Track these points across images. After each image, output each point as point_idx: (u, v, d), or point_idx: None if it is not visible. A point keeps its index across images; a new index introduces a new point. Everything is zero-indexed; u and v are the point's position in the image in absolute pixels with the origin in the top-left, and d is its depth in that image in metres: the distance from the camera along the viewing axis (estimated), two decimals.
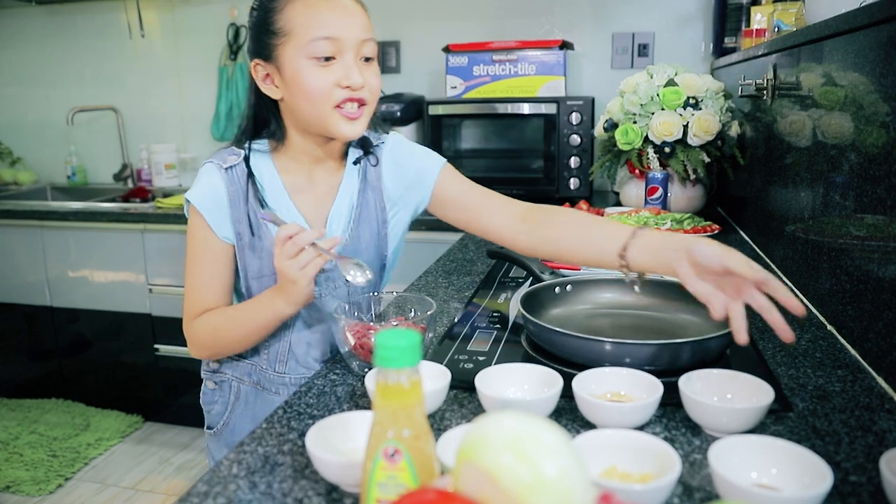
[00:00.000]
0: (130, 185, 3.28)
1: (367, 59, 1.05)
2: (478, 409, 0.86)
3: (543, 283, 1.19)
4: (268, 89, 1.05)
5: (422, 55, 2.89)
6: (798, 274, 1.36)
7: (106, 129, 3.36)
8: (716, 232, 1.72)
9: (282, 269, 0.96)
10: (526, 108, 2.41)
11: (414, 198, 1.18)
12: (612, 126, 2.06)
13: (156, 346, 2.74)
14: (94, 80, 3.35)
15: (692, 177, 1.97)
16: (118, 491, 2.44)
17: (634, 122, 1.99)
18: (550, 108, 2.37)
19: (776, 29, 1.85)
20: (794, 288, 1.36)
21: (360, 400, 0.91)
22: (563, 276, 1.24)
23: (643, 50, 2.66)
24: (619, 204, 2.21)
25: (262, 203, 1.07)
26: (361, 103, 1.03)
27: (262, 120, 1.11)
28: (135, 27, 3.15)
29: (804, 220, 1.32)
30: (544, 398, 0.80)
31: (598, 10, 2.70)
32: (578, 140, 2.35)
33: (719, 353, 0.97)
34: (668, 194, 1.98)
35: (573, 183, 2.39)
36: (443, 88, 2.58)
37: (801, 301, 1.29)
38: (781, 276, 1.45)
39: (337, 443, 0.71)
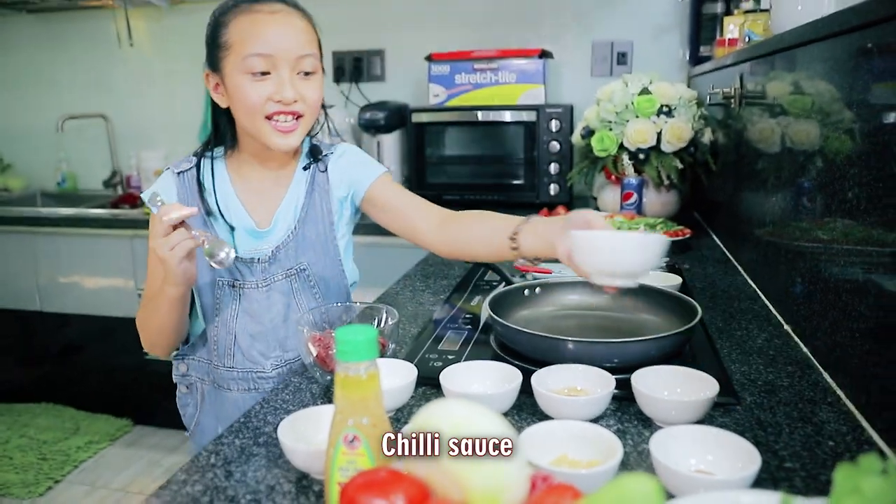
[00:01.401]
0: (120, 191, 3.32)
1: (307, 74, 1.10)
2: None
3: (513, 285, 1.24)
4: (218, 98, 1.13)
5: (406, 64, 2.95)
6: (761, 276, 1.42)
7: (96, 135, 3.39)
8: (687, 236, 1.78)
9: (153, 247, 1.01)
10: (507, 116, 2.47)
11: (352, 195, 1.24)
12: (588, 133, 2.11)
13: (145, 350, 2.77)
14: (84, 87, 3.39)
15: (666, 182, 2.03)
16: (108, 493, 2.48)
17: (610, 130, 2.05)
18: (530, 116, 2.43)
19: (747, 39, 1.91)
20: (757, 290, 1.42)
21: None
22: (533, 279, 1.29)
23: (622, 58, 2.72)
24: (597, 209, 2.26)
25: (206, 205, 1.15)
26: (297, 116, 1.09)
27: (218, 127, 1.19)
28: (123, 36, 3.19)
29: (766, 225, 1.37)
30: (503, 392, 0.85)
31: (579, 19, 2.76)
32: (558, 147, 2.41)
33: (676, 350, 1.03)
34: (643, 199, 2.04)
35: (553, 189, 2.45)
36: (426, 96, 2.63)
37: (763, 302, 1.34)
38: (747, 277, 1.51)
39: (308, 434, 0.76)
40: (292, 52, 1.07)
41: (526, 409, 0.89)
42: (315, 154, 1.23)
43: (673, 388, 0.87)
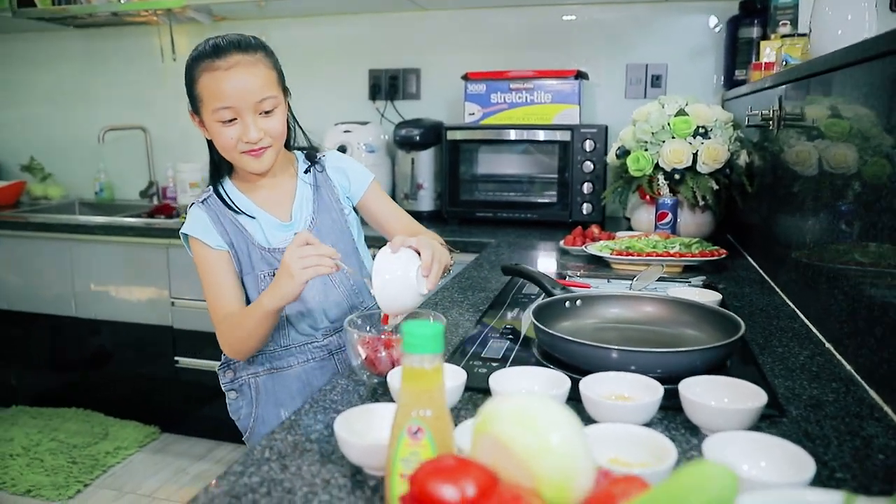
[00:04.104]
0: (156, 202, 3.39)
1: (268, 112, 1.26)
2: None
3: (555, 297, 1.25)
4: (203, 132, 1.33)
5: (441, 83, 3.00)
6: (800, 296, 1.41)
7: (134, 147, 3.47)
8: (723, 256, 1.78)
9: (288, 261, 1.10)
10: (541, 135, 2.49)
11: (349, 194, 1.45)
12: (624, 153, 2.13)
13: (176, 358, 2.81)
14: (126, 100, 3.48)
15: (701, 203, 2.04)
16: (135, 498, 2.50)
17: (645, 150, 2.06)
18: (565, 136, 2.45)
19: (784, 62, 1.93)
20: (796, 309, 1.41)
21: (381, 398, 0.97)
22: (574, 292, 1.30)
23: (656, 80, 2.74)
24: (630, 229, 2.27)
25: (234, 210, 1.33)
26: (264, 148, 1.27)
27: (214, 156, 1.36)
28: (167, 51, 3.28)
29: (806, 246, 1.38)
30: (553, 397, 0.86)
31: (613, 41, 2.79)
32: (591, 167, 2.43)
33: (719, 363, 1.03)
34: (678, 220, 2.05)
35: (586, 208, 2.46)
36: (461, 115, 2.67)
37: (803, 321, 1.34)
38: (784, 297, 1.51)
39: (362, 430, 0.78)
40: (252, 99, 1.23)
41: None
42: (311, 158, 1.42)
43: (720, 398, 0.88)
